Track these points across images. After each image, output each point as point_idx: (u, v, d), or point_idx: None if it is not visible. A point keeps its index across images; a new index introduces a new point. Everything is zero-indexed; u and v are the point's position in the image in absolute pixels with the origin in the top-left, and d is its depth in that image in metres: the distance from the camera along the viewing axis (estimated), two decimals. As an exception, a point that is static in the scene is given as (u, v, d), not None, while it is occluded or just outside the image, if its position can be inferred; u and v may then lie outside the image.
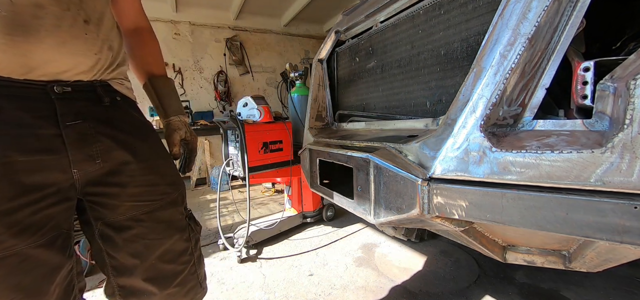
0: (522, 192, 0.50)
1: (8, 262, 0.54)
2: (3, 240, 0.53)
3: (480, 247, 0.74)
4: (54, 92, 0.59)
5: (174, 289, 0.75)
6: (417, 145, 0.70)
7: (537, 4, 0.53)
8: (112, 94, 0.70)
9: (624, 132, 0.40)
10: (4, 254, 0.54)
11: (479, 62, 0.60)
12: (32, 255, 0.57)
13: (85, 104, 0.64)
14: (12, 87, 0.56)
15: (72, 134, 0.60)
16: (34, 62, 0.56)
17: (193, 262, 0.80)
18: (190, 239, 0.79)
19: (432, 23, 0.92)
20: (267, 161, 2.19)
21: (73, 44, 0.59)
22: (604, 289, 1.57)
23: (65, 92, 0.60)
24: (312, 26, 5.81)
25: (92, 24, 0.63)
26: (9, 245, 0.54)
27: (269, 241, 2.37)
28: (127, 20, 0.83)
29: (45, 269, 0.59)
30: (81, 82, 0.63)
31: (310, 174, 1.21)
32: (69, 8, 0.58)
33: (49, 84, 0.59)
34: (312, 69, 1.54)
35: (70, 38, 0.58)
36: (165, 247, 0.73)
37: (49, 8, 0.55)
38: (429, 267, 1.90)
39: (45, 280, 0.59)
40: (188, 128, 0.89)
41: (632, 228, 0.41)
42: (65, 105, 0.60)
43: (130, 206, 0.69)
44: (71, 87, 0.61)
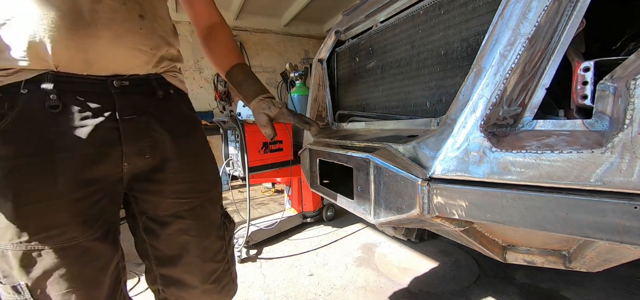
0: (522, 192, 0.50)
1: (70, 252, 0.57)
2: (69, 230, 0.56)
3: (480, 247, 0.74)
4: (114, 86, 0.61)
5: (211, 285, 0.77)
6: (417, 145, 0.70)
7: (537, 4, 0.53)
8: (166, 86, 0.71)
9: (624, 132, 0.40)
10: (68, 244, 0.56)
11: (479, 62, 0.60)
12: (90, 248, 0.59)
13: (141, 97, 0.65)
14: (75, 83, 0.57)
15: (127, 128, 0.62)
16: (93, 57, 0.57)
17: (227, 259, 0.82)
18: (224, 237, 0.81)
19: (432, 23, 0.92)
20: (267, 161, 2.19)
21: (128, 38, 0.60)
22: (604, 289, 1.57)
23: (123, 86, 0.62)
24: (312, 26, 5.81)
25: (147, 19, 0.64)
26: (73, 236, 0.56)
27: (269, 241, 2.37)
28: (203, 19, 0.85)
29: (100, 261, 0.61)
30: (137, 75, 0.64)
31: (310, 174, 1.21)
32: (125, 2, 0.59)
33: (108, 79, 0.60)
34: (312, 69, 1.54)
35: (125, 32, 0.59)
36: (204, 244, 0.75)
37: (106, 1, 0.57)
38: (429, 267, 1.90)
39: (100, 272, 0.61)
40: (271, 102, 0.82)
41: (632, 228, 0.41)
42: (123, 99, 0.62)
43: (172, 202, 0.71)
44: (128, 81, 0.63)
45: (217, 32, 0.86)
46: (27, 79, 0.54)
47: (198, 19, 0.86)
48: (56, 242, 0.55)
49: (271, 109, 0.81)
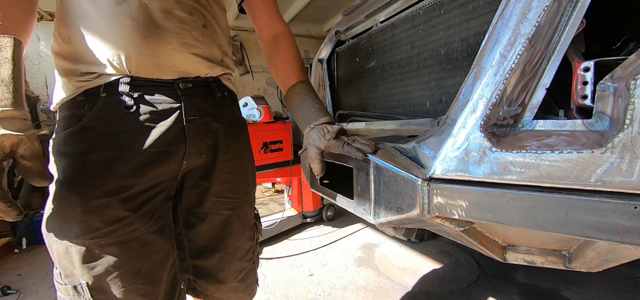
0: (522, 192, 0.50)
1: (132, 245, 0.58)
2: (130, 222, 0.57)
3: (480, 247, 0.74)
4: (180, 88, 0.64)
5: (237, 283, 0.79)
6: (417, 145, 0.70)
7: (537, 4, 0.53)
8: (222, 89, 0.74)
9: (624, 132, 0.40)
10: (130, 236, 0.58)
11: (479, 62, 0.60)
12: (150, 241, 0.61)
13: (203, 99, 0.68)
14: (147, 86, 0.61)
15: (191, 129, 0.65)
16: (162, 63, 0.61)
17: (254, 260, 0.84)
18: (254, 238, 0.84)
19: (432, 23, 0.92)
20: (267, 161, 2.19)
21: (193, 46, 0.64)
22: (604, 289, 1.57)
23: (187, 88, 0.65)
24: (312, 26, 5.80)
25: (209, 28, 0.68)
26: (135, 228, 0.58)
27: (269, 241, 2.37)
28: (266, 30, 0.84)
29: (159, 255, 0.63)
30: (199, 78, 0.68)
31: (310, 174, 1.21)
32: (192, 13, 0.64)
33: (175, 81, 0.64)
34: (312, 69, 1.54)
35: (192, 40, 0.64)
36: (238, 243, 0.78)
37: (175, 13, 0.61)
38: (429, 267, 1.90)
39: (160, 268, 0.63)
40: (322, 131, 0.73)
41: (632, 228, 0.40)
42: (188, 101, 0.65)
43: (216, 200, 0.73)
44: (192, 83, 0.66)
45: (279, 46, 0.82)
46: (106, 83, 0.59)
47: (261, 31, 0.85)
48: (119, 235, 0.57)
49: (321, 140, 0.73)
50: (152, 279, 0.62)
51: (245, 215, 0.80)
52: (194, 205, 0.73)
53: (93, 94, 0.58)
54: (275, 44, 0.83)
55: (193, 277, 0.78)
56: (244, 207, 0.79)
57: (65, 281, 0.57)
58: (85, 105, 0.58)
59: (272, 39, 0.83)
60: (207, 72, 0.69)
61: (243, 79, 5.33)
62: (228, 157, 0.74)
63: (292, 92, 0.79)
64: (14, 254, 2.47)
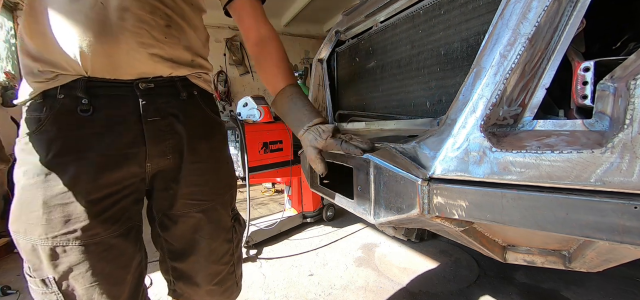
0: (522, 192, 0.50)
1: (94, 249, 0.59)
2: (92, 227, 0.58)
3: (480, 247, 0.74)
4: (139, 89, 0.62)
5: (214, 286, 0.79)
6: (417, 145, 0.70)
7: (537, 4, 0.53)
8: (190, 87, 0.72)
9: (624, 132, 0.40)
10: (91, 241, 0.58)
11: (479, 62, 0.60)
12: (113, 245, 0.61)
13: (165, 99, 0.67)
14: (106, 87, 0.60)
15: (151, 130, 0.64)
16: (118, 62, 0.59)
17: (233, 262, 0.83)
18: (232, 240, 0.82)
19: (432, 23, 0.92)
20: (267, 161, 2.19)
21: (152, 46, 0.62)
22: (604, 289, 1.57)
23: (148, 88, 0.63)
24: (312, 26, 5.80)
25: (175, 28, 0.65)
26: (96, 233, 0.59)
27: (269, 241, 2.37)
28: (253, 33, 0.81)
29: (123, 258, 0.63)
30: (161, 77, 0.66)
31: (310, 174, 1.21)
32: (153, 12, 0.61)
33: (134, 81, 0.62)
34: (312, 69, 1.54)
35: (150, 40, 0.61)
36: (212, 246, 0.76)
37: (133, 11, 0.58)
38: (429, 267, 1.90)
39: (123, 270, 0.63)
40: (318, 131, 0.73)
41: (632, 228, 0.40)
42: (148, 101, 0.63)
43: (186, 203, 0.72)
44: (153, 82, 0.64)
45: (266, 50, 0.81)
46: (63, 84, 0.58)
47: (247, 35, 0.82)
48: (80, 239, 0.58)
49: (318, 140, 0.73)
50: (115, 281, 0.62)
51: (218, 218, 0.77)
52: (166, 207, 0.72)
53: (51, 96, 0.58)
54: (262, 48, 0.81)
55: (172, 279, 0.79)
56: (216, 210, 0.77)
57: (34, 274, 0.59)
58: (44, 107, 0.57)
59: (258, 42, 0.81)
60: (170, 72, 0.67)
61: (243, 79, 5.33)
62: (196, 158, 0.71)
63: (282, 95, 0.78)
64: (14, 254, 2.47)
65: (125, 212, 0.64)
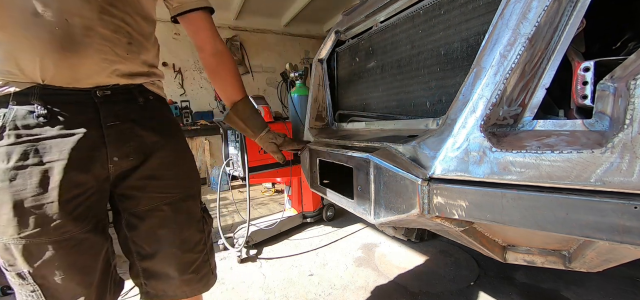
0: (522, 192, 0.50)
1: (65, 244, 0.64)
2: (64, 225, 0.63)
3: (480, 247, 0.74)
4: (97, 96, 0.66)
5: (190, 275, 0.82)
6: (417, 145, 0.70)
7: (537, 4, 0.53)
8: (146, 94, 0.77)
9: (624, 132, 0.40)
10: (63, 237, 0.63)
11: (479, 62, 0.60)
12: (83, 239, 0.66)
13: (123, 105, 0.71)
14: (63, 95, 0.63)
15: (111, 134, 0.68)
16: (80, 75, 0.63)
17: (206, 251, 0.87)
18: (204, 230, 0.86)
19: (432, 23, 0.92)
20: (267, 161, 2.18)
21: (115, 62, 0.67)
22: (604, 289, 1.57)
23: (106, 96, 0.68)
24: (312, 26, 5.80)
25: (135, 45, 0.71)
26: (67, 230, 0.63)
27: (269, 241, 2.37)
28: (210, 46, 0.90)
29: (93, 250, 0.69)
30: (118, 86, 0.70)
31: (310, 174, 1.21)
32: (116, 31, 0.66)
33: (92, 90, 0.66)
34: (312, 69, 1.54)
35: (114, 56, 0.66)
36: (184, 236, 0.80)
37: (98, 30, 0.62)
38: (429, 267, 1.90)
39: (93, 259, 0.69)
40: (274, 134, 1.04)
41: (632, 228, 0.41)
42: (106, 108, 0.67)
43: (154, 197, 0.76)
44: (111, 90, 0.68)
45: (223, 62, 0.93)
46: (17, 92, 0.61)
47: (204, 46, 0.90)
48: (52, 236, 0.62)
49: (277, 139, 1.05)
50: (88, 270, 0.68)
51: (188, 209, 0.82)
52: (132, 206, 0.76)
53: (3, 103, 0.61)
54: (219, 59, 0.92)
55: (144, 281, 0.81)
56: (186, 201, 0.81)
57: (10, 269, 0.63)
58: (4, 114, 0.61)
59: (215, 54, 0.91)
60: (126, 81, 0.71)
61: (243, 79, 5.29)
62: (160, 156, 0.76)
63: (244, 104, 0.98)
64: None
65: (92, 208, 0.68)
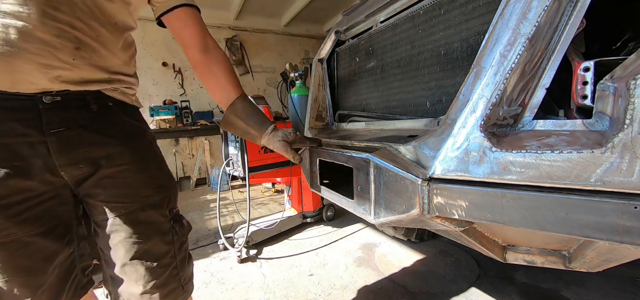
0: (522, 192, 0.50)
1: (9, 247, 0.63)
2: (5, 228, 0.62)
3: (480, 247, 0.74)
4: (43, 102, 0.63)
5: (154, 290, 0.76)
6: (417, 145, 0.70)
7: (537, 4, 0.53)
8: (103, 100, 0.72)
9: (624, 132, 0.40)
10: (5, 239, 0.62)
11: (479, 62, 0.60)
12: (30, 242, 0.65)
13: (74, 111, 0.67)
14: (3, 99, 0.61)
15: (55, 141, 0.65)
16: (19, 80, 0.60)
17: (175, 265, 0.80)
18: (172, 242, 0.80)
19: (432, 23, 0.92)
20: (267, 161, 2.19)
21: (57, 68, 0.62)
22: (604, 289, 1.57)
23: (55, 102, 0.64)
24: (312, 26, 5.81)
25: (87, 51, 0.66)
26: (10, 233, 0.62)
27: (269, 241, 2.37)
28: (200, 43, 0.84)
29: (43, 253, 0.67)
30: (69, 91, 0.66)
31: (310, 174, 1.21)
32: (60, 36, 0.61)
33: (37, 95, 0.63)
34: (312, 69, 1.54)
35: (56, 62, 0.62)
36: (145, 248, 0.75)
37: (37, 34, 0.59)
38: (429, 267, 1.90)
39: (44, 262, 0.67)
40: (283, 130, 0.92)
41: (632, 228, 0.41)
42: (51, 114, 0.64)
43: (110, 206, 0.73)
44: (61, 96, 0.65)
45: (214, 58, 0.86)
46: None
47: (193, 44, 0.84)
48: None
49: (288, 136, 0.93)
50: (36, 272, 0.66)
51: (149, 219, 0.76)
52: (94, 213, 0.74)
53: None
54: (209, 55, 0.85)
55: (112, 288, 0.78)
56: (146, 211, 0.76)
57: None
58: None
59: (205, 50, 0.84)
60: (78, 88, 0.67)
61: (243, 78, 5.33)
62: (114, 164, 0.72)
63: (242, 101, 0.89)
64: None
65: (46, 213, 0.66)
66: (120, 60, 0.74)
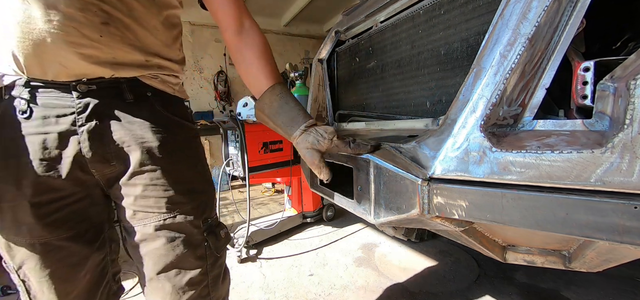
0: (522, 192, 0.50)
1: (41, 250, 0.60)
2: (37, 230, 0.59)
3: (480, 247, 0.74)
4: (77, 90, 0.59)
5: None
6: (417, 145, 0.70)
7: (537, 4, 0.53)
8: (141, 89, 0.65)
9: (624, 132, 0.40)
10: (37, 241, 0.60)
11: (479, 62, 0.60)
12: (61, 246, 0.62)
13: (107, 101, 0.62)
14: (42, 88, 0.59)
15: (87, 135, 0.60)
16: (48, 63, 0.57)
17: (206, 283, 0.70)
18: (205, 257, 0.70)
19: (432, 23, 0.92)
20: (267, 161, 2.19)
21: (83, 45, 0.57)
22: (604, 289, 1.57)
23: (90, 91, 0.60)
24: (312, 26, 5.81)
25: (116, 26, 0.59)
26: (41, 235, 0.60)
27: (269, 241, 2.37)
28: (234, 24, 0.74)
29: (73, 258, 0.64)
30: (103, 79, 0.61)
31: (310, 174, 1.21)
32: (84, 8, 0.56)
33: (72, 83, 0.59)
34: (312, 69, 1.54)
35: (81, 39, 0.56)
36: (174, 264, 0.67)
37: (60, 8, 0.54)
38: (429, 267, 1.90)
39: (74, 268, 0.64)
40: (318, 132, 0.69)
41: (632, 228, 0.41)
42: (84, 105, 0.60)
43: (139, 214, 0.65)
44: (95, 85, 0.60)
45: (247, 42, 0.74)
46: (6, 85, 0.59)
47: (226, 23, 0.74)
48: (27, 238, 0.60)
49: (321, 142, 0.67)
50: (65, 278, 0.63)
51: (179, 230, 0.67)
52: (123, 217, 0.67)
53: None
54: (244, 37, 0.73)
55: (144, 291, 0.72)
56: (176, 221, 0.66)
57: (5, 263, 0.64)
58: None
59: (240, 31, 0.73)
60: (112, 73, 0.61)
61: (243, 79, 5.32)
62: (146, 164, 0.64)
63: (272, 93, 0.72)
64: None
65: (77, 215, 0.63)
66: (158, 40, 0.66)
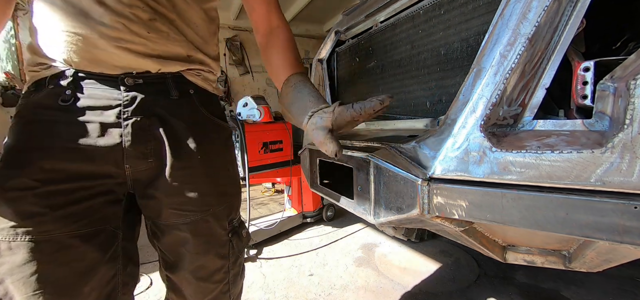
0: (522, 192, 0.50)
1: (44, 248, 0.52)
2: (44, 222, 0.52)
3: (480, 247, 0.74)
4: (125, 84, 0.60)
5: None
6: (417, 145, 0.70)
7: (537, 4, 0.53)
8: (185, 86, 0.66)
9: (624, 132, 0.40)
10: (42, 237, 0.52)
11: (479, 62, 0.60)
12: (70, 245, 0.54)
13: (153, 97, 0.62)
14: (89, 79, 0.59)
15: (130, 129, 0.59)
16: (98, 57, 0.57)
17: (227, 280, 0.74)
18: (228, 257, 0.73)
19: (432, 23, 0.92)
20: (267, 161, 2.19)
21: (131, 41, 0.58)
22: (604, 289, 1.57)
23: (136, 84, 0.60)
24: (312, 26, 5.81)
25: (163, 22, 0.60)
26: (48, 229, 0.52)
27: (269, 241, 2.37)
28: (263, 24, 0.77)
29: (81, 264, 0.55)
30: (149, 73, 0.61)
31: (310, 174, 1.21)
32: (131, 6, 0.56)
33: (120, 76, 0.59)
34: (312, 69, 1.54)
35: (129, 35, 0.57)
36: (201, 262, 0.69)
37: (109, 4, 0.55)
38: (429, 267, 1.90)
39: (79, 279, 0.55)
40: (321, 112, 0.63)
41: (632, 228, 0.41)
42: (130, 99, 0.60)
43: (172, 213, 0.65)
44: (142, 78, 0.61)
45: (272, 39, 0.76)
46: (52, 75, 0.58)
47: (258, 26, 0.78)
48: (30, 233, 0.51)
49: (324, 119, 0.63)
50: (66, 291, 0.54)
51: (208, 231, 0.69)
52: (154, 216, 0.67)
53: (41, 84, 0.58)
54: (269, 38, 0.76)
55: (167, 287, 0.75)
56: (207, 221, 0.68)
57: None
58: (31, 95, 0.58)
59: (268, 33, 0.76)
60: (159, 68, 0.62)
61: (243, 78, 5.33)
62: (183, 164, 0.64)
63: (286, 85, 0.70)
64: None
65: (95, 212, 0.58)
66: (199, 36, 0.67)
